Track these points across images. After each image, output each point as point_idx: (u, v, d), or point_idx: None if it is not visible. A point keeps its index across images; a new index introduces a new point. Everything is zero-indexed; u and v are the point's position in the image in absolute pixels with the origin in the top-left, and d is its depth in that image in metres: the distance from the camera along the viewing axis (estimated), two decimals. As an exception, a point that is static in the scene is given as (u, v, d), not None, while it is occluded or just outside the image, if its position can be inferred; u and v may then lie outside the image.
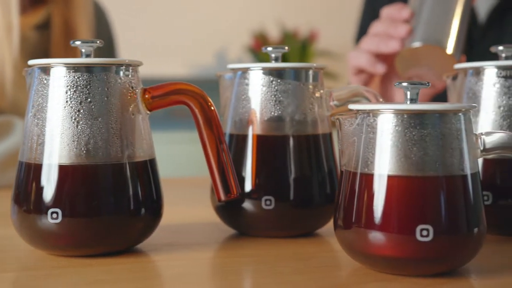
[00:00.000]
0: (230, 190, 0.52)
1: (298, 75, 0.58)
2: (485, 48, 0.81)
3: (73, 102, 0.50)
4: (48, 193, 0.49)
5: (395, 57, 0.78)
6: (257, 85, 0.58)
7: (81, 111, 0.49)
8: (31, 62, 0.51)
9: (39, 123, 0.50)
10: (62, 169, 0.49)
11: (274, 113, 0.57)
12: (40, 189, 0.49)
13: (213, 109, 0.53)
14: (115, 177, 0.50)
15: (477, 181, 0.46)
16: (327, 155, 0.59)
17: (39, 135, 0.50)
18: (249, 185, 0.57)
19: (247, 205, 0.57)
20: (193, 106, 0.52)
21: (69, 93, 0.50)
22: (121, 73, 0.51)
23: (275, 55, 0.60)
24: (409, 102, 0.47)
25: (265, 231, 0.58)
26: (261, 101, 0.58)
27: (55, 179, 0.49)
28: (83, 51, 0.52)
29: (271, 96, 0.57)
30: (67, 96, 0.50)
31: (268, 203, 0.56)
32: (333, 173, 0.59)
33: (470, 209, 0.45)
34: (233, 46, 2.70)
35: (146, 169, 0.53)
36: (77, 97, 0.50)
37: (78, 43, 0.52)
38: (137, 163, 0.52)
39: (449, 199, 0.44)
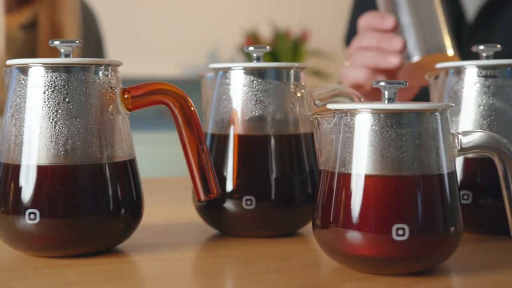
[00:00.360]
0: (210, 190, 0.52)
1: (279, 75, 0.58)
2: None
3: (51, 102, 0.49)
4: (26, 194, 0.49)
5: (397, 72, 0.77)
6: (238, 84, 0.58)
7: (59, 111, 0.49)
8: (9, 62, 0.51)
9: (17, 123, 0.50)
10: (40, 169, 0.49)
11: (255, 112, 0.57)
12: (18, 190, 0.49)
13: (193, 109, 0.53)
14: (94, 177, 0.50)
15: (454, 180, 0.46)
16: (308, 155, 0.59)
17: (17, 136, 0.50)
18: (230, 185, 0.57)
19: (228, 205, 0.57)
20: (173, 106, 0.52)
21: (47, 93, 0.49)
22: (100, 73, 0.51)
23: (256, 55, 0.60)
24: (386, 101, 0.47)
25: (247, 231, 0.58)
26: (242, 101, 0.58)
27: (33, 180, 0.49)
28: (62, 51, 0.52)
29: (252, 95, 0.57)
30: (45, 96, 0.49)
31: (248, 203, 0.56)
32: (315, 172, 0.59)
33: (446, 208, 0.45)
34: (226, 46, 2.70)
35: (125, 169, 0.53)
36: (55, 97, 0.49)
37: (57, 43, 0.52)
38: (116, 164, 0.52)
39: (425, 198, 0.44)
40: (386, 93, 0.47)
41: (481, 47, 0.60)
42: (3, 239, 0.51)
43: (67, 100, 0.50)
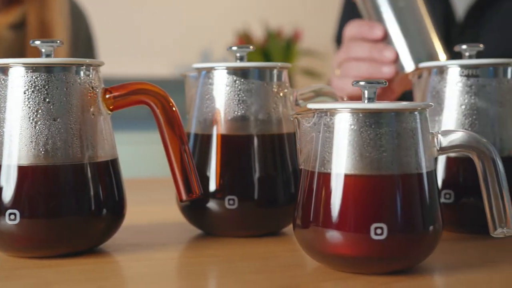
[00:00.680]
0: (192, 190, 0.53)
1: (262, 75, 0.58)
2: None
3: (31, 102, 0.49)
4: (6, 194, 0.49)
5: (391, 81, 0.76)
6: (220, 84, 0.58)
7: (40, 112, 0.49)
8: (-12, 62, 0.51)
9: (-3, 124, 0.50)
10: (20, 169, 0.49)
11: (237, 112, 0.57)
12: (-2, 190, 0.49)
13: (174, 109, 0.53)
14: (74, 177, 0.50)
15: (433, 179, 0.46)
16: (291, 155, 0.59)
17: (-3, 136, 0.50)
18: (213, 185, 0.57)
19: (212, 205, 0.57)
20: (154, 106, 0.52)
21: (27, 93, 0.49)
22: (81, 73, 0.51)
23: (239, 55, 0.60)
24: (366, 101, 0.47)
25: (230, 230, 0.58)
26: (224, 100, 0.58)
27: (13, 180, 0.49)
28: (43, 51, 0.52)
29: (234, 95, 0.57)
30: (25, 96, 0.49)
31: (231, 202, 0.56)
32: (298, 172, 0.59)
33: (425, 207, 0.45)
34: (218, 46, 2.70)
35: (107, 169, 0.53)
36: (35, 97, 0.49)
37: (37, 43, 0.52)
38: (98, 164, 0.52)
39: (404, 198, 0.45)
40: (366, 92, 0.47)
41: (464, 47, 0.60)
42: (-17, 240, 0.51)
43: (48, 100, 0.49)
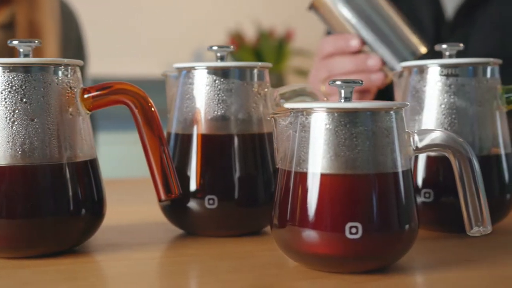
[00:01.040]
0: (171, 190, 0.53)
1: (242, 74, 0.58)
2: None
3: (8, 102, 0.49)
4: (-17, 194, 0.49)
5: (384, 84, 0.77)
6: (200, 84, 0.58)
7: (17, 112, 0.49)
8: (-34, 62, 0.51)
9: (-26, 124, 0.50)
10: (-3, 170, 0.49)
11: (217, 112, 0.57)
12: (-25, 191, 0.49)
13: (153, 109, 0.53)
14: (52, 178, 0.50)
15: (409, 178, 0.47)
16: (272, 154, 0.59)
17: (-26, 136, 0.50)
18: (193, 185, 0.57)
19: (192, 204, 0.57)
20: (133, 106, 0.52)
21: (4, 93, 0.49)
22: (59, 73, 0.51)
23: (220, 54, 0.60)
24: (343, 100, 0.47)
25: (210, 230, 0.58)
26: (204, 100, 0.58)
27: (-10, 180, 0.49)
28: (21, 50, 0.52)
29: (214, 95, 0.57)
30: (2, 96, 0.49)
31: (211, 202, 0.56)
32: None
33: (401, 206, 0.46)
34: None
35: (86, 169, 0.52)
36: (12, 97, 0.49)
37: (15, 42, 0.52)
38: (76, 164, 0.51)
39: (379, 197, 0.45)
40: (342, 92, 0.47)
41: (444, 46, 0.61)
42: (-39, 240, 0.51)
43: (25, 100, 0.49)
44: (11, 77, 0.49)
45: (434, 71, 0.59)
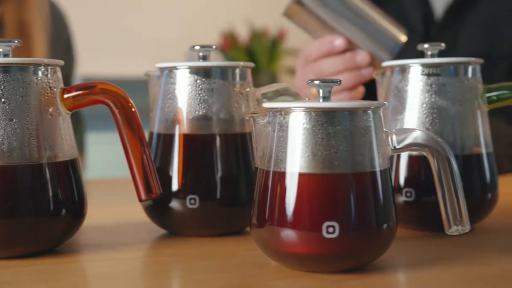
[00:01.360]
0: (152, 189, 0.52)
1: (224, 74, 0.58)
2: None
3: (-14, 102, 0.49)
4: (-38, 195, 0.49)
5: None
6: (182, 84, 0.58)
7: (-5, 112, 0.49)
8: None
9: (-48, 124, 0.50)
10: (-24, 170, 0.49)
11: (199, 112, 0.57)
12: (-46, 191, 0.49)
13: (134, 110, 0.53)
14: (32, 178, 0.50)
15: (387, 177, 0.47)
16: (254, 154, 0.59)
17: (-48, 136, 0.50)
18: (175, 185, 0.57)
19: (174, 204, 0.57)
20: (113, 106, 0.52)
21: (-17, 93, 0.49)
22: (39, 73, 0.51)
23: (202, 54, 0.60)
24: (321, 100, 0.47)
25: (192, 230, 0.58)
26: (186, 100, 0.58)
27: (-31, 181, 0.49)
28: (1, 50, 0.52)
29: (196, 95, 0.57)
30: (-19, 96, 0.49)
31: (192, 202, 0.56)
32: (260, 171, 0.59)
33: (379, 205, 0.46)
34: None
35: (66, 169, 0.52)
36: (-10, 97, 0.49)
37: (-5, 43, 0.52)
38: (56, 164, 0.51)
39: (357, 196, 0.45)
40: (321, 91, 0.47)
41: (426, 46, 0.61)
42: None
43: (3, 100, 0.49)
44: (-11, 77, 0.49)
45: (415, 70, 0.59)
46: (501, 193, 0.63)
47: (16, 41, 0.52)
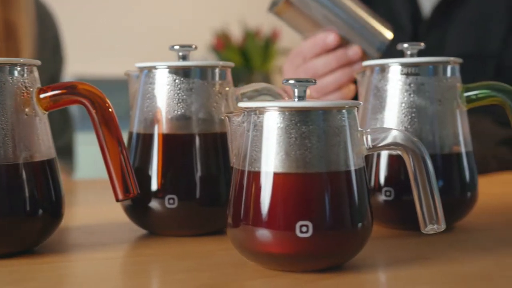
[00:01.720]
0: (129, 189, 0.52)
1: (203, 74, 0.58)
2: (429, 44, 0.81)
3: (-39, 102, 0.49)
4: None
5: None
6: (161, 83, 0.58)
7: (-30, 112, 0.49)
8: None
9: None
10: (-50, 170, 0.49)
11: (177, 111, 0.57)
12: None
13: (111, 110, 0.52)
14: (7, 178, 0.50)
15: (362, 177, 0.47)
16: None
17: None
18: (154, 184, 0.57)
19: (153, 204, 0.57)
20: (90, 106, 0.52)
21: (-43, 93, 0.49)
22: (14, 73, 0.51)
23: (182, 54, 0.60)
24: (296, 99, 0.47)
25: (172, 230, 0.58)
26: (165, 99, 0.57)
27: None
28: (-23, 51, 0.52)
29: (174, 94, 0.57)
30: (-45, 96, 0.49)
31: (171, 202, 0.56)
32: (240, 171, 0.59)
33: (353, 204, 0.46)
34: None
35: (43, 169, 0.52)
36: (-35, 97, 0.49)
37: (-29, 43, 0.51)
38: (32, 164, 0.51)
39: (331, 195, 0.45)
40: (296, 91, 0.47)
41: (405, 45, 0.61)
42: None
43: (-22, 100, 0.49)
44: (-36, 77, 0.49)
45: (395, 70, 0.59)
46: (484, 193, 0.63)
47: (-8, 41, 0.52)
